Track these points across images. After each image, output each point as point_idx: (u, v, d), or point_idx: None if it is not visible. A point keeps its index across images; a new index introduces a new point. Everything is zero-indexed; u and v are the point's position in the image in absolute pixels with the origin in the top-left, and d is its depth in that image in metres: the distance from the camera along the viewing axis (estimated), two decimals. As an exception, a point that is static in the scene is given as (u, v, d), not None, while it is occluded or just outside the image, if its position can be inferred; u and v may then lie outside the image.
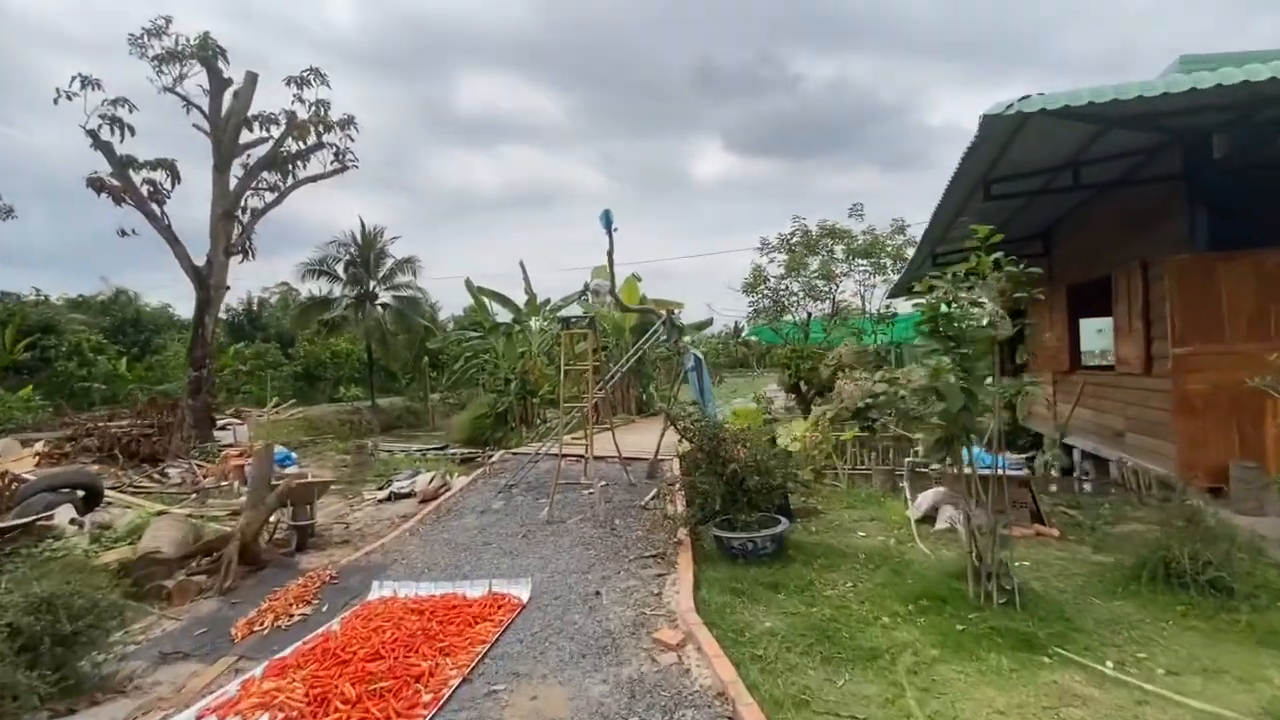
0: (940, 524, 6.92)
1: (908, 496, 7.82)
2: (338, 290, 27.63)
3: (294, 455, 13.27)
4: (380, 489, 10.11)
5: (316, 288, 27.59)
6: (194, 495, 9.60)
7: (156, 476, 11.31)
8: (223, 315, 37.99)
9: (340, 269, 27.19)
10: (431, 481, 9.57)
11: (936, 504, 7.06)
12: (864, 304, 16.40)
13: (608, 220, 7.89)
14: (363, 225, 27.63)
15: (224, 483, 10.73)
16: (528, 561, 5.94)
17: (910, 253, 15.26)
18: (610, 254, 8.18)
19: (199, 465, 11.70)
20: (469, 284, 20.08)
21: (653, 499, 7.81)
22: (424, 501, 9.07)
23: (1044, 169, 7.40)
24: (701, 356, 8.04)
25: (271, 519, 7.16)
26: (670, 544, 6.13)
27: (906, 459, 8.16)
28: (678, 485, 8.34)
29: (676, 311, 8.22)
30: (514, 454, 10.59)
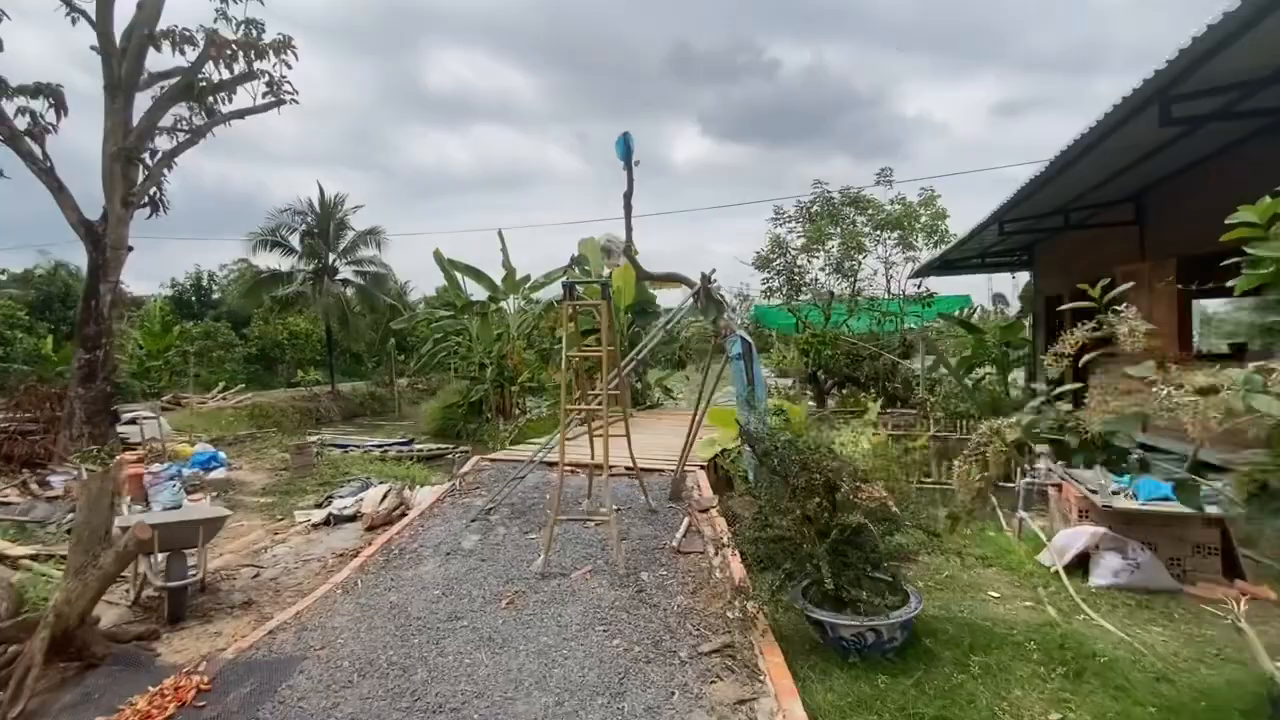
0: (1100, 577, 4.92)
1: (1034, 530, 5.82)
2: (293, 264, 24.89)
3: (222, 456, 10.90)
4: (319, 505, 7.83)
5: (271, 261, 24.79)
6: (67, 520, 7.22)
7: (34, 487, 8.88)
8: (168, 290, 34.97)
9: (295, 240, 24.43)
10: (384, 499, 7.33)
11: (1090, 547, 5.06)
12: (888, 282, 14.41)
13: (626, 148, 5.68)
14: (321, 192, 24.90)
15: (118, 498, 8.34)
16: (519, 661, 3.78)
17: (946, 226, 13.29)
18: (628, 196, 5.98)
19: (92, 470, 9.26)
20: (438, 256, 17.65)
21: (685, 537, 5.70)
22: (371, 529, 6.84)
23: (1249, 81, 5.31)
24: (749, 339, 5.93)
25: (143, 568, 4.92)
26: (736, 622, 4.04)
27: (1024, 476, 6.16)
28: (713, 510, 6.30)
29: (715, 282, 5.98)
30: (491, 461, 8.39)
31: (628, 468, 6.96)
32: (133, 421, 10.97)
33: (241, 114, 10.63)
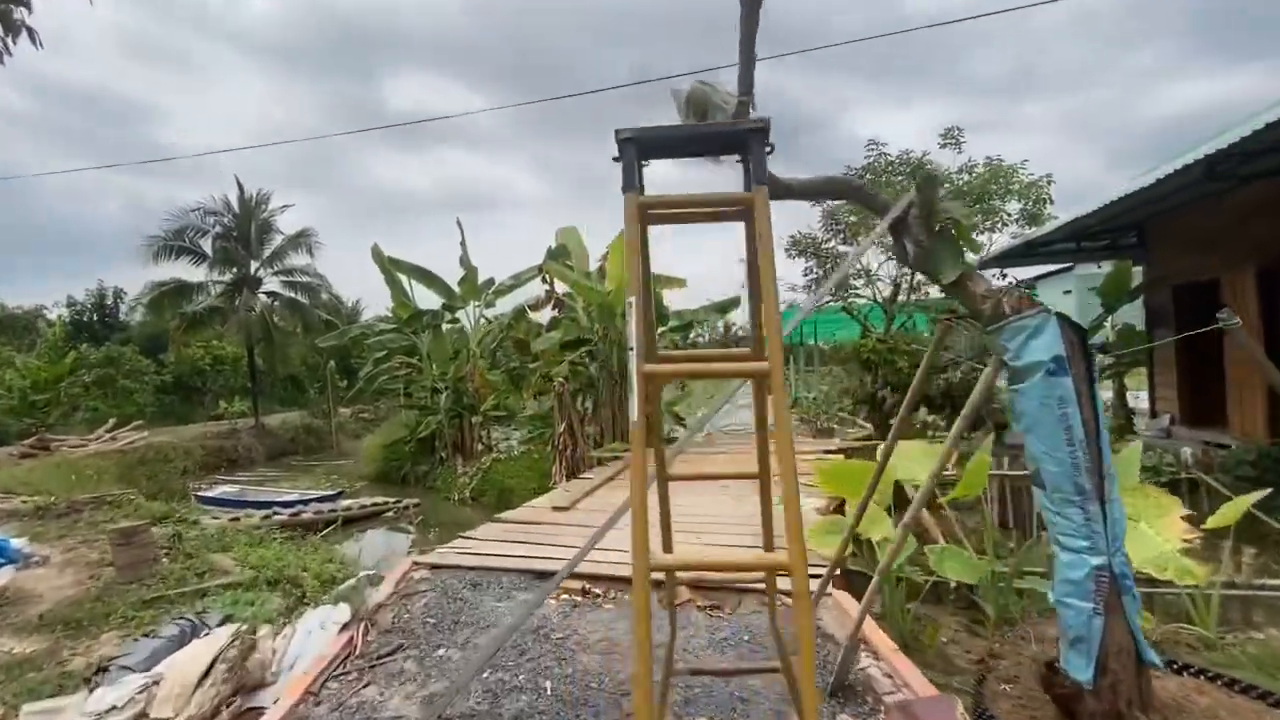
0: None
1: None
2: (206, 273, 20.68)
3: (13, 545, 7.03)
4: (90, 679, 4.03)
5: (178, 271, 20.52)
6: None
7: None
8: (62, 311, 30.09)
9: (207, 245, 20.28)
10: (210, 673, 3.61)
11: None
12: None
13: None
14: (240, 189, 20.85)
15: None
16: None
17: (1049, 194, 10.20)
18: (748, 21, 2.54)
19: None
20: (377, 254, 13.90)
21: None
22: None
23: None
24: (1077, 331, 2.48)
25: None
26: None
27: None
28: None
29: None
30: (433, 570, 4.74)
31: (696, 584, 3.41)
32: None
33: None
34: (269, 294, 21.30)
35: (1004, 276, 12.56)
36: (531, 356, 12.78)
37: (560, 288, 12.46)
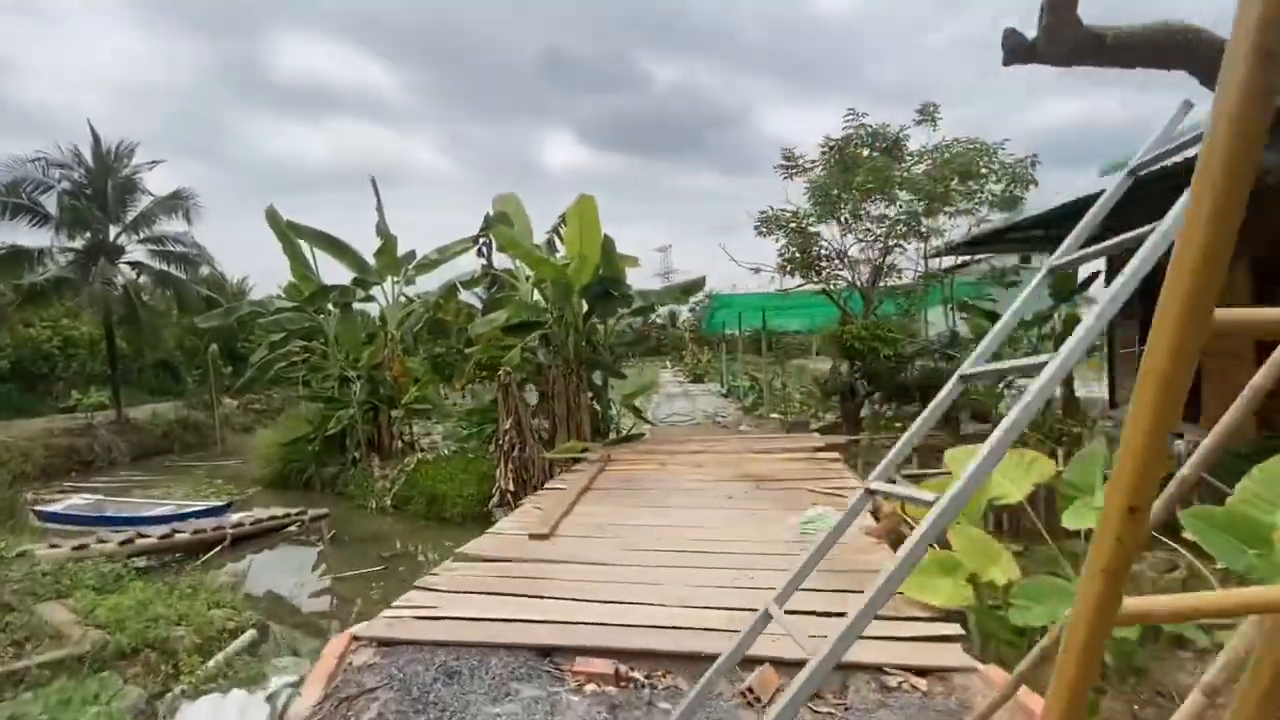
0: None
1: None
2: (52, 239, 17.19)
3: None
4: None
5: (16, 236, 16.90)
6: None
7: None
8: None
9: (51, 204, 16.83)
10: None
11: None
12: (925, 260, 10.61)
13: None
14: (95, 137, 17.45)
15: None
16: None
17: (1032, 174, 9.73)
18: None
19: None
20: (273, 217, 11.67)
21: None
22: None
23: None
24: None
25: None
26: None
27: None
28: None
29: None
30: (384, 648, 3.26)
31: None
32: None
33: None
34: (133, 265, 18.11)
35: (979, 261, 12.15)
36: (464, 341, 11.11)
37: (503, 263, 10.85)
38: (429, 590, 3.80)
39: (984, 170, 9.55)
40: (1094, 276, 12.12)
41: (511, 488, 8.61)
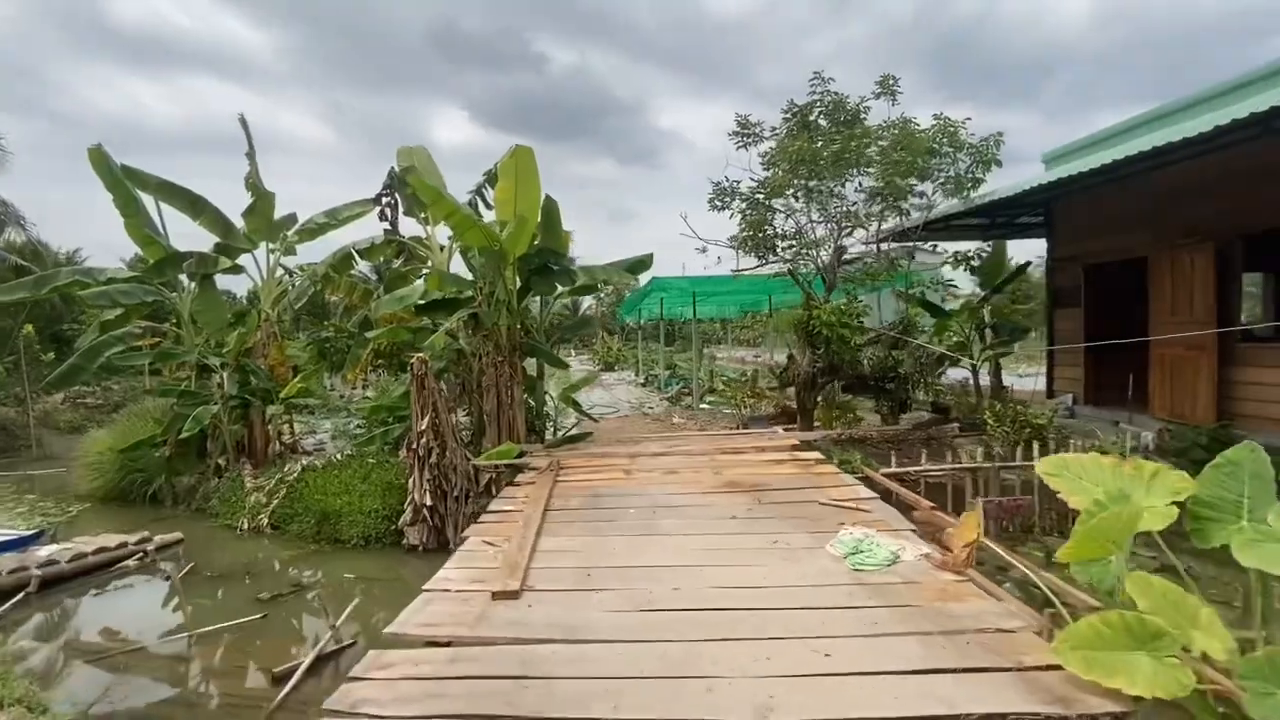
0: None
1: None
2: None
3: None
4: None
5: None
6: None
7: None
8: None
9: None
10: None
11: None
12: (879, 245, 10.01)
13: None
14: None
15: None
16: None
17: (995, 155, 9.31)
18: None
19: None
20: (98, 159, 9.09)
21: None
22: None
23: None
24: None
25: None
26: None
27: None
28: None
29: None
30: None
31: None
32: None
33: None
34: (-91, 223, 14.25)
35: (935, 249, 11.79)
36: (360, 323, 9.21)
37: (411, 231, 9.04)
38: (355, 717, 2.32)
39: (946, 148, 9.01)
40: (1023, 267, 12.16)
41: (429, 502, 7.03)
